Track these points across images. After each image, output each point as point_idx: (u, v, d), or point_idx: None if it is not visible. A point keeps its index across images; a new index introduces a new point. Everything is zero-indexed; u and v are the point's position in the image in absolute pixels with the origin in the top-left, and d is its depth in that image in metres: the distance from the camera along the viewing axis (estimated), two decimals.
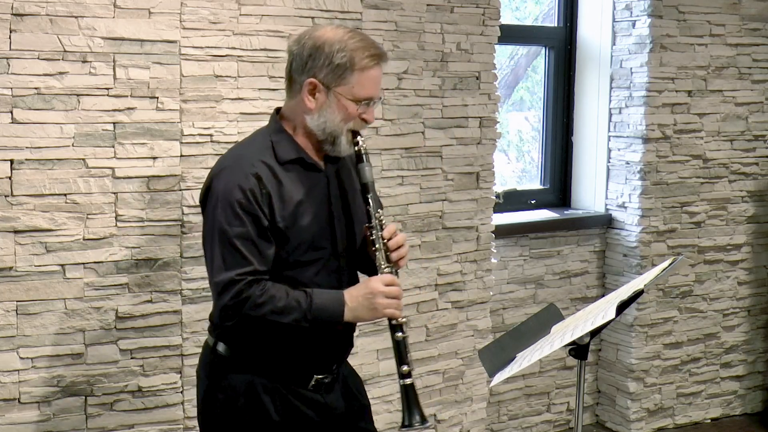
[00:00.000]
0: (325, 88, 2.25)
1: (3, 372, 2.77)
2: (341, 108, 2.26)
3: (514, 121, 4.85)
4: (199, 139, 3.02)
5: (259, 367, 2.31)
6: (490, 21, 3.71)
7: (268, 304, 2.19)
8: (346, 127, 2.28)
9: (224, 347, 2.34)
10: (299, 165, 2.30)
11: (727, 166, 4.44)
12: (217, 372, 2.35)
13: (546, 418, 4.38)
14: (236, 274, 2.18)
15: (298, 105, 2.30)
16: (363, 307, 2.27)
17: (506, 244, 4.12)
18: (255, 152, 2.28)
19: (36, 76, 2.73)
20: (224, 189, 2.21)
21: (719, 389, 4.61)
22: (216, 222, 2.22)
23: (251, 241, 2.20)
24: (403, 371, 2.30)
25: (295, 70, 2.29)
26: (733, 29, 4.34)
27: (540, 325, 2.47)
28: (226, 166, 2.27)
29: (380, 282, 2.28)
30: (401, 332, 2.30)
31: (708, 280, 4.47)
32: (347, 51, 2.23)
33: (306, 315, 2.21)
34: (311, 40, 2.27)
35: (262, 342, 2.29)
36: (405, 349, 2.30)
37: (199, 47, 3.00)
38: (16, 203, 2.74)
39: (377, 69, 2.29)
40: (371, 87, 2.28)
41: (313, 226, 2.29)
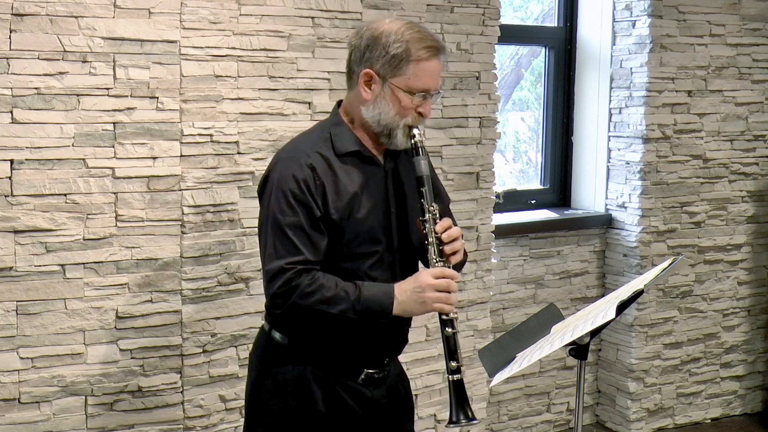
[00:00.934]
0: (381, 79, 2.25)
1: (3, 372, 2.77)
2: (396, 100, 2.26)
3: (510, 121, 4.85)
4: (199, 139, 3.02)
5: (312, 357, 2.32)
6: (490, 21, 3.71)
7: (317, 294, 2.19)
8: (402, 122, 2.28)
9: (279, 335, 2.35)
10: (356, 158, 2.30)
11: (727, 166, 4.44)
12: (270, 358, 2.36)
13: (546, 418, 4.38)
14: (286, 263, 2.19)
15: (355, 97, 2.31)
16: (412, 300, 2.25)
17: (506, 244, 4.12)
18: (312, 143, 2.29)
19: (36, 76, 2.73)
20: (279, 178, 2.23)
21: (719, 389, 4.61)
22: (270, 210, 2.24)
23: (303, 231, 2.20)
24: (452, 367, 2.28)
25: (354, 61, 2.31)
26: (733, 29, 4.34)
27: (540, 325, 2.46)
28: (282, 157, 2.29)
29: (430, 275, 2.25)
30: (452, 327, 2.29)
31: (708, 280, 4.47)
32: (403, 41, 2.23)
33: (354, 306, 2.21)
34: (369, 31, 2.28)
35: (315, 332, 2.30)
36: (455, 345, 2.28)
37: (199, 47, 3.00)
38: (16, 203, 2.74)
39: (434, 61, 2.27)
40: (427, 78, 2.26)
41: (369, 219, 2.29)
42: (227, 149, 3.07)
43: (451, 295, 2.27)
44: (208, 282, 3.08)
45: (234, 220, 3.11)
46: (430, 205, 2.29)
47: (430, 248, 2.29)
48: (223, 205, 3.09)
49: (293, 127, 3.16)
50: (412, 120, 2.29)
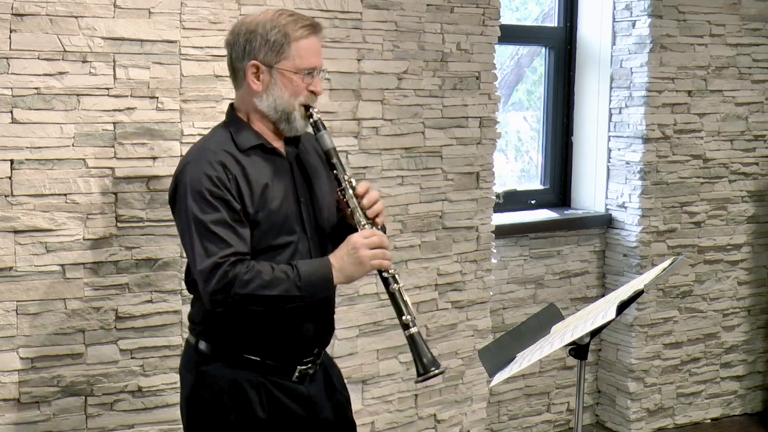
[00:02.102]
0: (267, 67, 2.29)
1: (3, 372, 2.77)
2: (287, 83, 2.29)
3: (512, 121, 4.85)
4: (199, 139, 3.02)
5: (243, 362, 2.31)
6: (490, 21, 3.71)
7: (256, 280, 2.19)
8: (296, 102, 2.32)
9: (206, 345, 2.35)
10: (260, 150, 2.33)
11: (727, 166, 4.44)
12: (201, 370, 2.35)
13: (546, 418, 4.38)
14: (219, 257, 2.18)
15: (245, 92, 2.34)
16: (349, 264, 2.27)
17: (506, 244, 4.12)
18: (216, 143, 2.31)
19: (36, 76, 2.73)
20: (192, 180, 2.23)
21: (719, 389, 4.61)
22: (189, 213, 2.22)
23: (228, 225, 2.21)
24: (405, 321, 2.28)
25: (236, 59, 2.34)
26: (733, 29, 4.34)
27: (540, 325, 2.46)
28: (189, 161, 2.29)
29: (360, 236, 2.28)
30: (395, 282, 2.29)
31: (708, 280, 4.47)
32: (280, 26, 2.28)
33: (296, 283, 2.21)
34: (243, 26, 2.32)
35: (243, 334, 2.30)
36: (402, 299, 2.29)
37: (199, 47, 3.00)
38: (16, 203, 2.74)
39: (313, 38, 2.32)
40: (311, 56, 2.31)
41: (282, 209, 2.31)
42: None
43: (387, 251, 2.29)
44: None
45: None
46: (344, 174, 2.33)
47: (355, 213, 2.32)
48: None
49: None
50: (305, 99, 2.33)
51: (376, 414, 3.56)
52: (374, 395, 3.52)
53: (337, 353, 3.37)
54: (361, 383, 3.47)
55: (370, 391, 3.53)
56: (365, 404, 3.51)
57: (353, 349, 3.45)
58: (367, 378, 3.47)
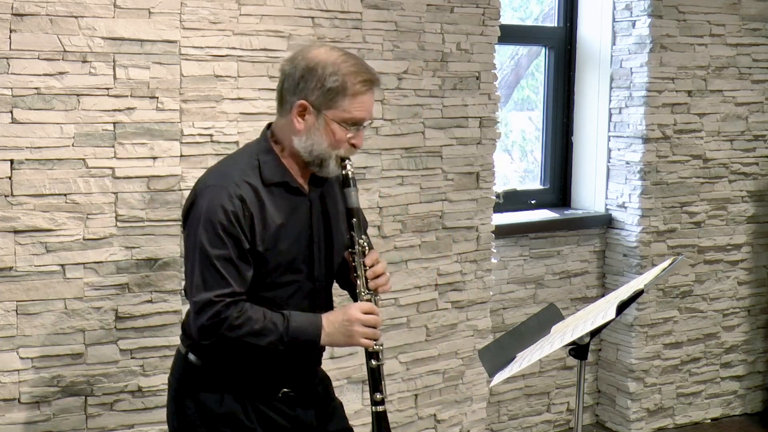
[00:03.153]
0: (315, 110, 2.23)
1: (3, 372, 2.77)
2: (329, 132, 2.24)
3: (518, 121, 4.85)
4: (199, 139, 3.02)
5: (229, 379, 2.32)
6: (490, 21, 3.71)
7: (246, 326, 2.20)
8: (335, 152, 2.27)
9: (195, 358, 2.35)
10: (283, 188, 2.30)
11: (727, 166, 4.44)
12: (188, 381, 2.36)
13: (546, 418, 4.38)
14: (215, 296, 2.18)
15: (287, 125, 2.29)
16: (339, 333, 2.28)
17: (506, 244, 4.12)
18: (241, 171, 2.26)
19: (36, 76, 2.73)
20: (208, 208, 2.20)
21: (719, 389, 4.61)
22: (198, 241, 2.21)
23: (231, 263, 2.20)
24: (377, 398, 2.33)
25: (286, 89, 2.27)
26: (733, 29, 4.34)
27: (540, 325, 2.46)
28: (210, 185, 2.25)
29: (358, 310, 2.29)
30: (376, 360, 2.33)
31: (708, 280, 4.47)
32: (340, 75, 2.21)
33: (282, 337, 2.22)
34: (304, 60, 2.24)
35: (231, 356, 2.30)
36: (379, 377, 2.33)
37: (199, 47, 3.00)
38: (16, 203, 2.74)
39: (369, 94, 2.26)
40: (362, 111, 2.26)
41: (292, 250, 2.30)
42: (227, 149, 3.07)
43: (377, 331, 2.31)
44: None
45: None
46: (359, 238, 2.32)
47: (359, 281, 2.33)
48: None
49: None
50: (344, 151, 2.29)
51: None
52: None
53: (338, 353, 3.37)
54: (361, 383, 3.47)
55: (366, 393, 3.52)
56: (365, 404, 3.50)
57: (353, 349, 3.45)
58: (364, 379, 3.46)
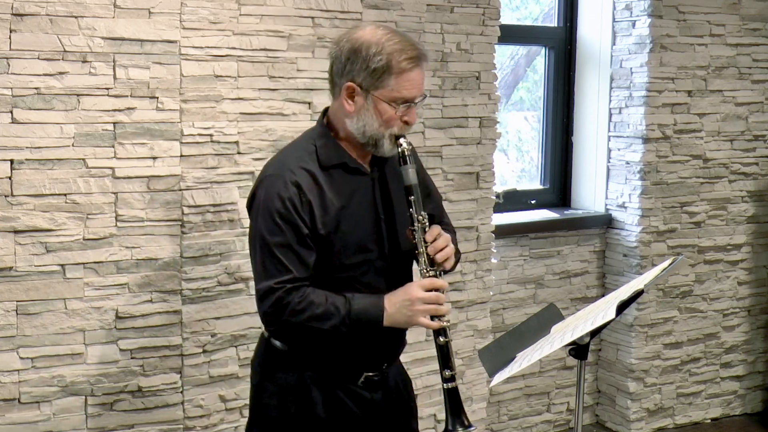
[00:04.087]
0: (364, 91, 2.23)
1: (3, 372, 2.77)
2: (379, 112, 2.24)
3: (514, 121, 4.85)
4: (199, 139, 3.02)
5: (311, 363, 2.33)
6: (490, 21, 3.71)
7: (308, 311, 2.21)
8: (388, 131, 2.26)
9: (279, 342, 2.36)
10: (342, 169, 2.30)
11: (727, 166, 4.44)
12: (270, 364, 2.38)
13: (546, 418, 4.38)
14: (275, 282, 2.20)
15: (339, 108, 2.29)
16: (401, 313, 2.26)
17: (506, 244, 4.12)
18: (297, 158, 2.28)
19: (36, 76, 2.73)
20: (265, 198, 2.24)
21: (719, 389, 4.61)
22: (258, 230, 2.25)
23: (291, 249, 2.21)
24: (446, 375, 2.30)
25: (335, 73, 2.28)
26: (733, 29, 4.34)
27: (540, 325, 2.46)
28: (268, 174, 2.29)
29: (420, 288, 2.27)
30: (444, 336, 2.30)
31: (708, 280, 4.47)
32: (384, 54, 2.20)
33: (345, 320, 2.22)
34: (349, 42, 2.25)
35: (313, 340, 2.30)
36: (448, 353, 2.30)
37: (199, 47, 3.00)
38: (16, 203, 2.74)
39: (417, 71, 2.25)
40: (411, 89, 2.24)
41: (358, 230, 2.29)
42: (227, 149, 3.07)
43: (441, 307, 2.28)
44: (208, 282, 3.08)
45: (234, 220, 3.11)
46: (419, 215, 2.30)
47: (421, 258, 2.31)
48: (223, 205, 3.09)
49: (293, 127, 3.16)
50: (398, 129, 2.28)
51: None
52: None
53: None
54: None
55: None
56: None
57: None
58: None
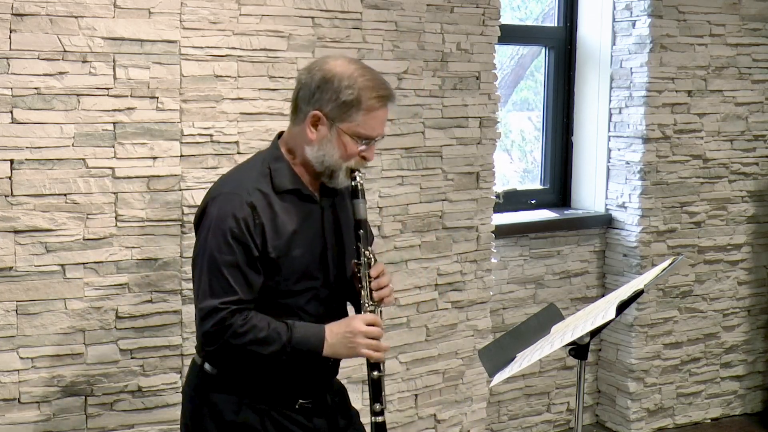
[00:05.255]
0: (329, 122, 2.23)
1: (3, 372, 2.77)
2: (341, 144, 2.25)
3: (517, 121, 4.85)
4: (199, 139, 3.02)
5: (245, 388, 2.31)
6: (490, 21, 3.71)
7: (250, 334, 2.20)
8: (345, 164, 2.28)
9: (211, 367, 2.34)
10: (295, 195, 2.30)
11: (727, 166, 4.44)
12: (204, 390, 2.35)
13: (546, 418, 4.38)
14: (220, 303, 2.18)
15: (300, 134, 2.29)
16: (342, 344, 2.28)
17: (506, 244, 4.12)
18: (252, 179, 2.27)
19: (36, 76, 2.73)
20: (218, 215, 2.21)
21: (719, 389, 4.61)
22: (207, 247, 2.22)
23: (239, 270, 2.20)
24: (376, 409, 2.34)
25: (301, 98, 2.28)
26: (733, 29, 4.34)
27: (540, 325, 2.47)
28: (222, 192, 2.26)
29: (362, 321, 2.29)
30: (378, 371, 2.33)
31: (708, 280, 4.47)
32: (356, 89, 2.21)
33: (285, 347, 2.22)
34: (321, 71, 2.25)
35: (247, 366, 2.29)
36: (380, 388, 2.34)
37: (199, 47, 3.00)
38: (16, 203, 2.74)
39: (384, 110, 2.27)
40: (376, 127, 2.26)
41: (305, 257, 2.29)
42: (227, 149, 3.07)
43: (381, 344, 2.32)
44: None
45: None
46: (366, 249, 2.32)
47: (363, 292, 2.32)
48: None
49: None
50: (355, 164, 2.29)
51: None
52: None
53: None
54: (360, 383, 3.47)
55: (365, 393, 3.52)
56: (365, 404, 3.50)
57: None
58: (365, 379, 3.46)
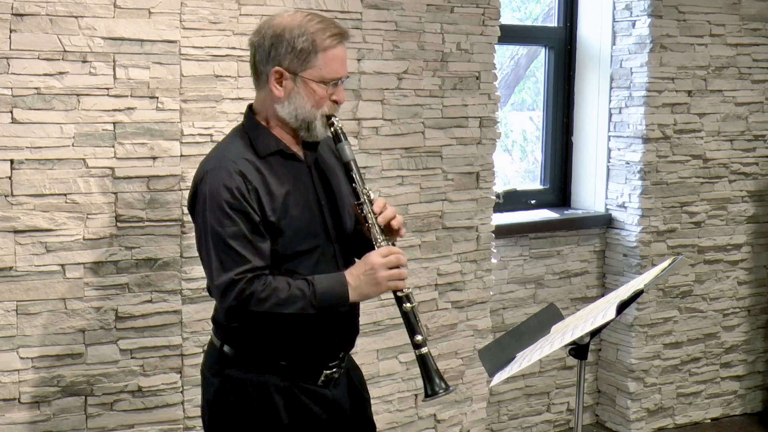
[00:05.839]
0: (292, 74, 2.24)
1: (3, 372, 2.77)
2: (310, 93, 2.25)
3: (518, 121, 4.85)
4: (199, 139, 3.02)
5: (269, 366, 2.30)
6: (490, 21, 3.71)
7: (272, 298, 2.18)
8: (319, 112, 2.28)
9: (230, 349, 2.32)
10: (279, 156, 2.29)
11: (727, 166, 4.44)
12: (226, 374, 2.33)
13: (546, 418, 4.38)
14: (236, 274, 2.17)
15: (267, 96, 2.30)
16: (366, 283, 2.25)
17: (506, 244, 4.12)
18: (235, 150, 2.27)
19: (36, 76, 2.73)
20: (211, 191, 2.20)
21: (719, 389, 4.61)
22: (207, 225, 2.20)
23: (245, 239, 2.18)
24: (417, 341, 2.28)
25: (259, 61, 2.29)
26: (733, 29, 4.34)
27: (540, 325, 2.46)
28: (209, 169, 2.25)
29: (378, 255, 2.26)
30: (409, 302, 2.29)
31: (708, 280, 4.47)
32: (308, 34, 2.22)
33: (311, 302, 2.20)
34: (271, 29, 2.26)
35: (267, 340, 2.28)
36: (415, 319, 2.29)
37: (199, 47, 3.00)
38: (16, 203, 2.74)
39: (341, 48, 2.28)
40: (338, 66, 2.27)
41: (305, 215, 2.29)
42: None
43: (403, 270, 2.28)
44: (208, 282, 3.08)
45: None
46: (362, 188, 2.31)
47: (372, 229, 2.30)
48: None
49: None
50: (328, 109, 2.30)
51: (376, 414, 3.53)
52: (374, 395, 3.50)
53: None
54: None
55: (370, 391, 3.49)
56: None
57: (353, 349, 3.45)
58: (367, 378, 3.45)
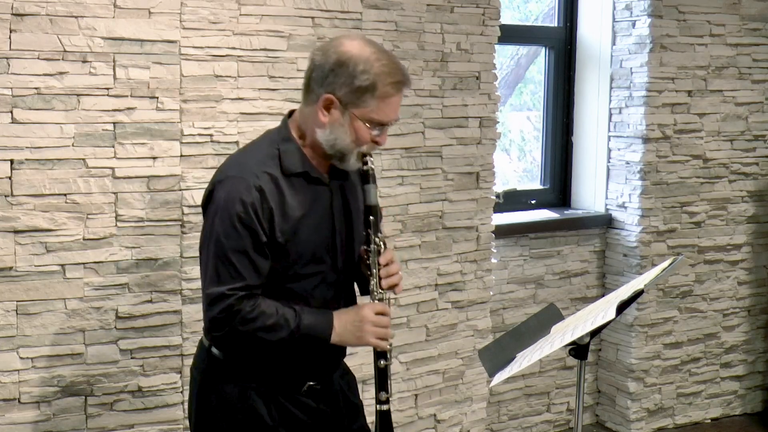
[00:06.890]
0: (342, 106, 2.19)
1: (3, 372, 2.77)
2: (354, 129, 2.21)
3: (516, 120, 4.85)
4: (199, 139, 3.02)
5: (252, 373, 2.30)
6: (490, 21, 3.71)
7: (258, 321, 2.18)
8: (357, 149, 2.24)
9: (218, 351, 2.32)
10: (304, 178, 2.26)
11: (727, 166, 4.44)
12: (211, 374, 2.33)
13: (546, 418, 4.38)
14: (228, 289, 2.16)
15: (311, 115, 2.24)
16: (350, 332, 2.27)
17: (506, 244, 4.12)
18: (260, 161, 2.23)
19: (36, 76, 2.73)
20: (226, 199, 2.18)
21: (719, 389, 4.61)
22: (214, 232, 2.19)
23: (246, 256, 2.17)
24: (382, 398, 2.32)
25: (314, 79, 2.22)
26: (733, 29, 4.34)
27: (540, 325, 2.46)
28: (230, 175, 2.22)
29: (371, 310, 2.27)
30: (385, 359, 2.31)
31: (708, 280, 4.47)
32: (371, 74, 2.16)
33: (293, 334, 2.21)
34: (336, 54, 2.19)
35: (254, 350, 2.28)
36: (386, 377, 2.32)
37: (199, 47, 3.00)
38: (16, 203, 2.74)
39: (399, 96, 2.23)
40: (390, 113, 2.23)
41: (313, 240, 2.27)
42: (227, 149, 3.07)
43: (388, 330, 2.30)
44: None
45: None
46: (375, 236, 2.29)
47: (373, 280, 2.30)
48: None
49: None
50: (367, 148, 2.26)
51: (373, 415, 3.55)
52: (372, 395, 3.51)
53: None
54: (361, 383, 3.47)
55: (371, 391, 3.52)
56: (365, 404, 3.50)
57: (353, 349, 3.44)
58: (367, 378, 3.46)
